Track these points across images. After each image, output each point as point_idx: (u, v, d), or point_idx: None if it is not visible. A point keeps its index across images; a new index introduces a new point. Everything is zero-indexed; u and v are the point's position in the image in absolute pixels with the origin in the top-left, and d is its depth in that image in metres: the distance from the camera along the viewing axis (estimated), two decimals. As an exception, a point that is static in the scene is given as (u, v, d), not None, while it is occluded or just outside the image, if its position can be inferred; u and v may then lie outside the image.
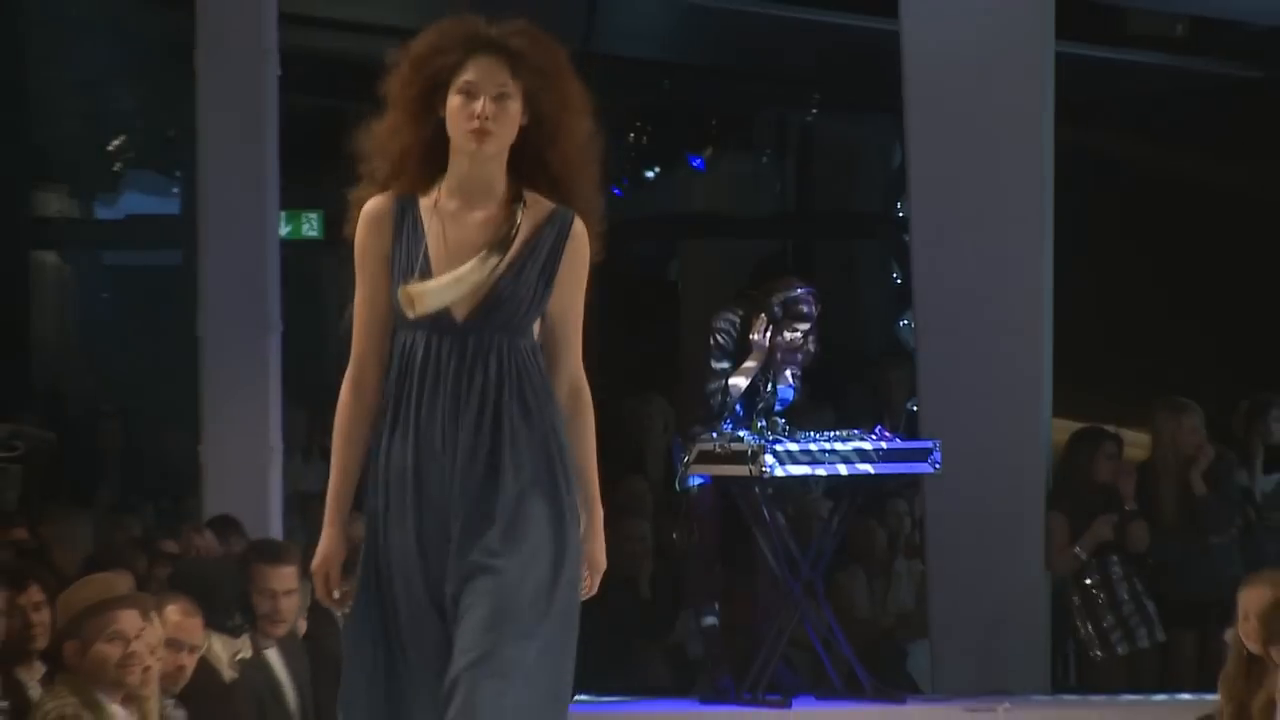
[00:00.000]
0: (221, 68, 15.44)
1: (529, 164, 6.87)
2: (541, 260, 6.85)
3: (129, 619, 9.85)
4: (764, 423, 15.02)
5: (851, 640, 15.61)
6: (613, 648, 16.33)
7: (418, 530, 6.85)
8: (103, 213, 22.52)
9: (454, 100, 6.69)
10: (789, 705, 14.89)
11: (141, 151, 21.95)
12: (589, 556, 7.15)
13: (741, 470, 14.87)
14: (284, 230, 16.25)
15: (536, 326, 6.91)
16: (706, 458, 14.97)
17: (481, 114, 6.68)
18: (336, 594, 6.96)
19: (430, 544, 6.85)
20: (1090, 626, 16.23)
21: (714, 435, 14.95)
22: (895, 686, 15.94)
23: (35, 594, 10.64)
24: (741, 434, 14.89)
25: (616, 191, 22.28)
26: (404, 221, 6.84)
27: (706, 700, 15.13)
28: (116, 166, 21.92)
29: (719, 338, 15.22)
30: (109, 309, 22.70)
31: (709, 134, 22.05)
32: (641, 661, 16.42)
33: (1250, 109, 19.26)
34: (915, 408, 16.57)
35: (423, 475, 6.84)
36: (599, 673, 15.86)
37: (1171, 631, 15.98)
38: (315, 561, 6.96)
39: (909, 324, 17.75)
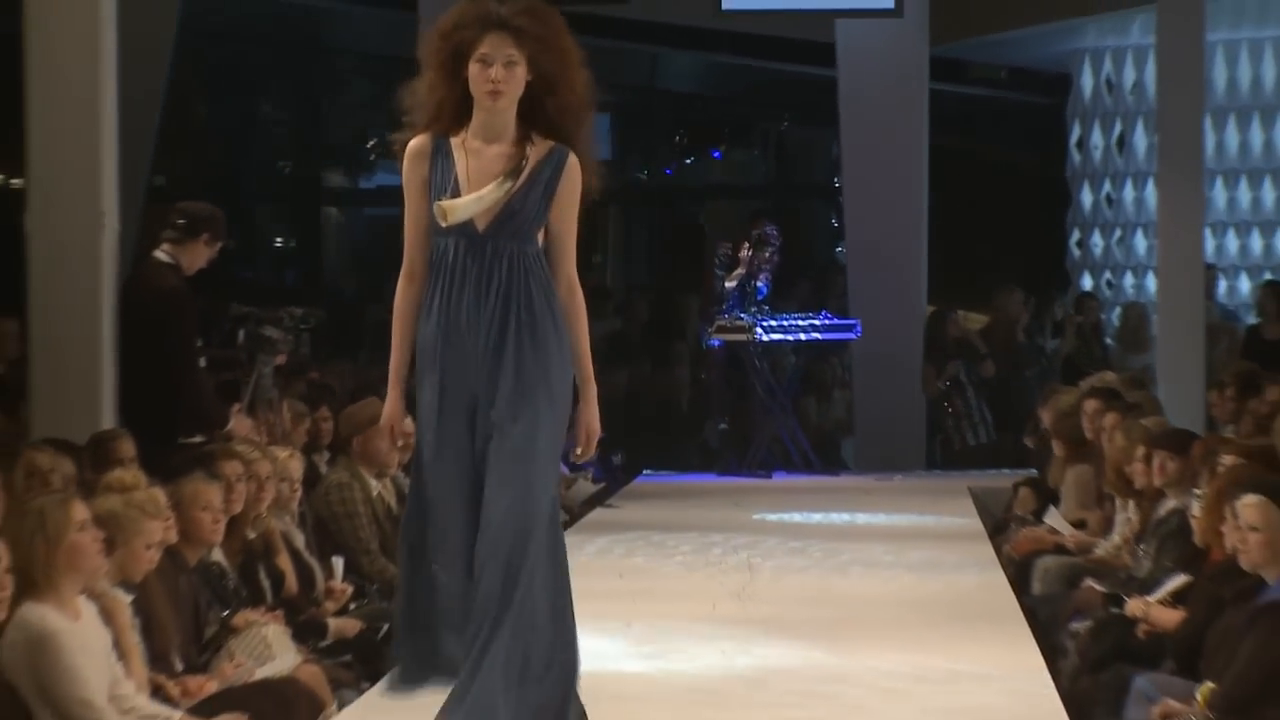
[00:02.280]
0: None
1: (535, 110, 5.74)
2: (543, 185, 5.73)
3: (385, 425, 9.76)
4: (754, 308, 14.98)
5: (807, 437, 15.61)
6: (664, 443, 16.26)
7: (440, 389, 5.73)
8: (363, 184, 22.43)
9: (474, 67, 5.64)
10: (770, 476, 14.93)
11: (387, 147, 21.92)
12: (586, 424, 5.83)
13: (742, 337, 14.97)
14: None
15: (540, 236, 5.78)
16: (720, 330, 15.05)
17: (494, 78, 5.64)
18: (400, 442, 6.03)
19: (448, 399, 5.73)
20: (950, 428, 16.17)
21: (724, 316, 14.94)
22: (833, 465, 15.97)
23: (324, 411, 10.56)
24: (740, 315, 14.88)
25: (668, 171, 22.18)
26: (438, 155, 5.79)
27: (720, 474, 15.11)
28: (372, 156, 21.83)
29: (720, 258, 15.22)
30: (368, 242, 22.70)
31: (723, 137, 21.95)
32: (682, 450, 16.33)
33: (1043, 122, 19.08)
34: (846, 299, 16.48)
35: (447, 348, 5.72)
36: (657, 457, 15.82)
37: (1000, 432, 15.91)
38: (382, 419, 5.97)
39: (842, 250, 17.60)
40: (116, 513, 6.76)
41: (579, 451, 5.86)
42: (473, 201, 5.69)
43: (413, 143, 5.84)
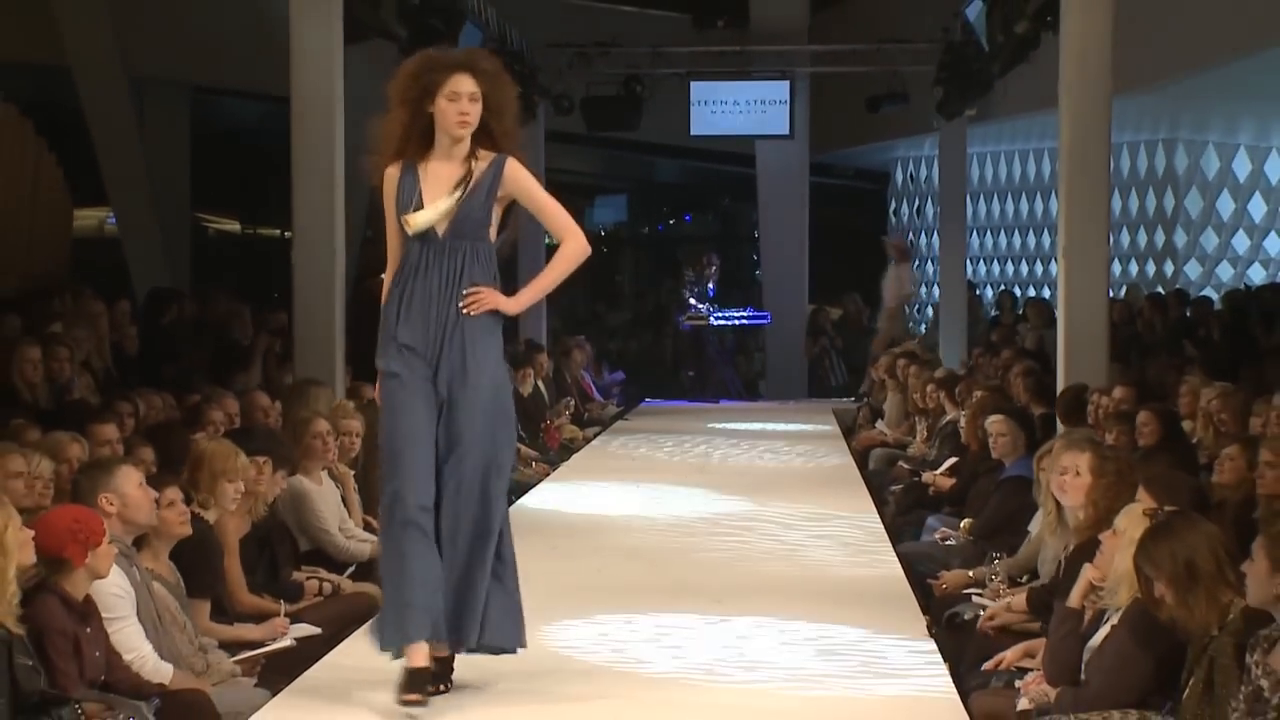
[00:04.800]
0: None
1: (483, 133, 4.39)
2: (485, 189, 4.36)
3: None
4: (706, 303, 14.84)
5: (739, 379, 15.49)
6: (658, 383, 16.11)
7: (405, 351, 4.31)
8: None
9: (443, 103, 4.34)
10: (718, 402, 14.75)
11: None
12: (497, 295, 4.39)
13: (702, 322, 14.83)
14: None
15: (492, 233, 4.42)
16: (689, 318, 14.91)
17: (464, 111, 4.32)
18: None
19: (411, 359, 4.31)
20: (821, 372, 16.05)
21: (692, 310, 14.79)
22: (754, 395, 15.80)
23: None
24: (701, 309, 14.75)
25: (660, 228, 22.00)
26: (405, 177, 4.39)
27: (689, 401, 14.94)
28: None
29: (685, 275, 15.03)
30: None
31: (692, 206, 21.81)
32: (671, 387, 16.15)
33: (874, 200, 18.91)
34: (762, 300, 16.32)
35: (412, 321, 4.33)
36: (653, 391, 15.68)
37: (850, 376, 15.76)
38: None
39: (760, 273, 17.45)
40: (340, 424, 6.79)
41: (463, 305, 4.37)
42: (430, 212, 4.38)
43: (386, 171, 4.46)
